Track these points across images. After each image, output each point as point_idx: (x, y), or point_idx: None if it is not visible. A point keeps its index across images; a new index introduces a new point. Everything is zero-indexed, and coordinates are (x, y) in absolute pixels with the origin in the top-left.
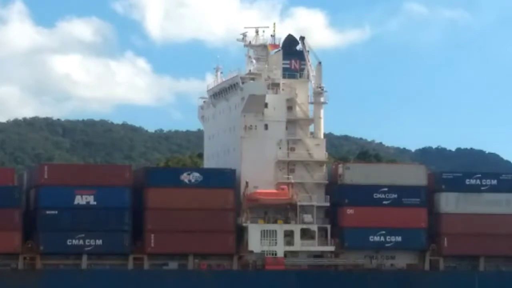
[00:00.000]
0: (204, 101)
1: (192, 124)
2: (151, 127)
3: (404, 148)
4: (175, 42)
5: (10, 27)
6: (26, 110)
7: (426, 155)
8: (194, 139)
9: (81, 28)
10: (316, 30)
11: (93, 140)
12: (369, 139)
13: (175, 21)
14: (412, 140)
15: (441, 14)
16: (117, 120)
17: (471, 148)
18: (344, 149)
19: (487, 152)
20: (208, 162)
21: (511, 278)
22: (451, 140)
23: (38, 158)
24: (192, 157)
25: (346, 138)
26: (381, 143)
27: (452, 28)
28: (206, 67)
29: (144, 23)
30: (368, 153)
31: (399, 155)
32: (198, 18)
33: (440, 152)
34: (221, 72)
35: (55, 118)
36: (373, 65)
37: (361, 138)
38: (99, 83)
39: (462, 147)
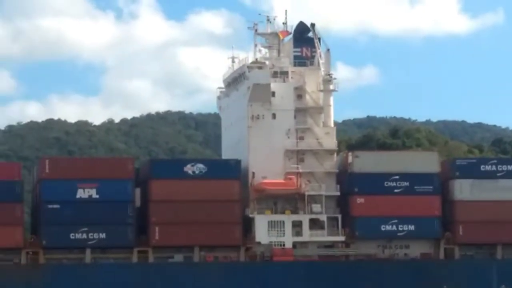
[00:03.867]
0: (221, 91)
1: None
2: None
3: None
4: None
5: (141, 22)
6: (159, 104)
7: None
8: None
9: (211, 21)
10: (448, 16)
11: None
12: (503, 126)
13: (303, 11)
14: None
15: None
16: None
17: None
18: (477, 136)
19: None
20: (225, 154)
21: None
22: None
23: (172, 152)
24: None
25: (479, 125)
26: None
27: None
28: (335, 56)
29: (272, 14)
30: (503, 140)
31: None
32: (326, 8)
33: None
34: (233, 62)
35: (187, 111)
36: (506, 51)
37: (495, 125)
38: None
39: None
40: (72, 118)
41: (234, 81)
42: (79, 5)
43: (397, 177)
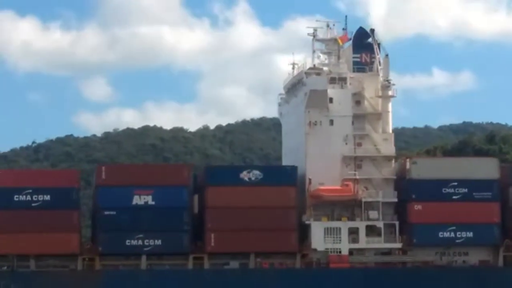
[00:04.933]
0: (281, 98)
1: (417, 120)
2: None
3: None
4: (400, 38)
5: (236, 29)
6: (254, 110)
7: None
8: (421, 135)
9: (306, 27)
10: None
11: None
12: None
13: (400, 17)
14: None
15: None
16: None
17: None
18: None
19: None
20: (284, 160)
21: None
22: None
23: (267, 159)
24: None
25: None
26: None
27: None
28: (432, 62)
29: (368, 20)
30: None
31: None
32: (422, 13)
33: None
34: (293, 68)
35: None
36: None
37: None
38: None
39: None
40: (167, 125)
41: (293, 87)
42: (175, 12)
43: (455, 183)
